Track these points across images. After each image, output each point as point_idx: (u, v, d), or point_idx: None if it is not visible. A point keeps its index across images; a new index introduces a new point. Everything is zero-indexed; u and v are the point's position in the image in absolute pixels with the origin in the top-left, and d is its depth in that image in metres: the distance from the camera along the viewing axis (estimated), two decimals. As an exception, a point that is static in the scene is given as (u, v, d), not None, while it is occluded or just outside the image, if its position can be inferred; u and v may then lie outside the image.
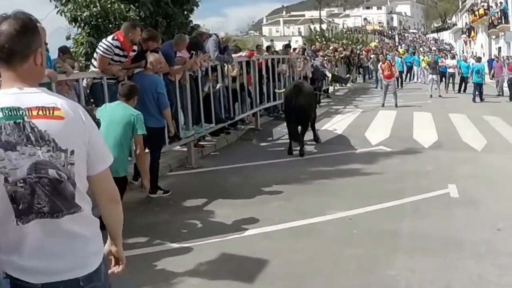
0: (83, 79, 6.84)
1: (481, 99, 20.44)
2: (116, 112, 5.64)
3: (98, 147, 2.05)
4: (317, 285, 4.49)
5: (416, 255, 5.12)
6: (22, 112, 1.86)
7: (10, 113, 1.85)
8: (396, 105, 17.38)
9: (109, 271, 2.24)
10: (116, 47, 6.82)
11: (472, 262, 4.94)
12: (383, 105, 17.55)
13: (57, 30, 12.27)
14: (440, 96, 21.26)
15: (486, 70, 23.65)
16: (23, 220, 1.86)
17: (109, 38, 6.95)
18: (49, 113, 1.89)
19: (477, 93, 20.54)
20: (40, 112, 1.87)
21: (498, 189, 7.59)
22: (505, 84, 21.97)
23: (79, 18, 11.72)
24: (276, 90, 13.23)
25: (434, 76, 22.08)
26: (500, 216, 6.29)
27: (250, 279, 4.55)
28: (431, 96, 21.16)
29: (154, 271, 4.70)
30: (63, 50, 9.05)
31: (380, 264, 4.90)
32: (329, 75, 18.27)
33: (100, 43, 6.98)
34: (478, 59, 24.44)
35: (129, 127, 5.57)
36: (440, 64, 24.23)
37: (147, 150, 7.08)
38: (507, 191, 7.48)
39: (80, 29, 12.14)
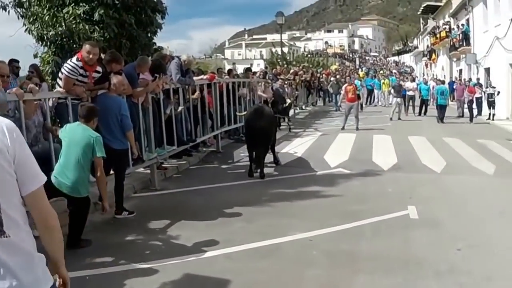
0: (49, 98, 6.84)
1: (442, 121, 20.99)
2: (75, 133, 5.62)
3: (27, 166, 1.94)
4: (279, 306, 4.44)
5: (376, 275, 5.14)
6: None
7: None
8: (357, 128, 17.59)
9: None
10: (81, 67, 6.84)
11: (433, 282, 4.98)
12: (343, 128, 17.74)
13: (26, 48, 12.18)
14: (399, 119, 21.66)
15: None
16: None
17: (74, 59, 6.94)
18: None
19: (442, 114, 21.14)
20: None
21: (457, 210, 7.70)
22: (466, 106, 22.70)
23: (45, 37, 11.66)
24: (237, 113, 13.27)
25: (399, 100, 22.48)
26: (460, 236, 6.39)
27: (211, 300, 4.50)
28: (391, 119, 21.55)
29: None
30: (36, 68, 9.06)
31: (341, 285, 4.91)
32: (288, 101, 18.42)
33: (66, 64, 6.96)
34: (442, 82, 25.21)
35: (89, 149, 5.54)
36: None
37: (112, 172, 7.05)
38: (467, 212, 7.61)
39: (46, 48, 12.07)
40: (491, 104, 21.95)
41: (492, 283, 4.99)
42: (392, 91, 23.94)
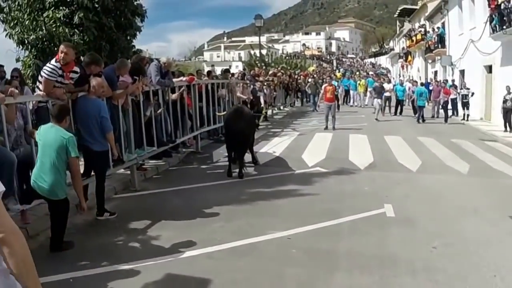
0: (30, 102, 6.83)
1: (421, 121, 21.42)
2: (48, 135, 5.59)
3: None
4: (259, 304, 4.52)
5: (354, 273, 5.25)
6: None
7: None
8: (334, 128, 17.80)
9: None
10: (60, 69, 6.82)
11: (408, 279, 5.11)
12: (326, 128, 17.94)
13: (8, 52, 12.16)
14: (376, 119, 21.84)
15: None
16: None
17: (52, 61, 6.92)
18: None
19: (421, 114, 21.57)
20: None
21: (432, 208, 7.86)
22: (441, 107, 23.14)
23: (26, 41, 11.65)
24: (218, 113, 13.33)
25: (379, 101, 23.03)
26: (435, 234, 6.54)
27: (192, 299, 4.55)
28: (376, 119, 21.80)
29: None
30: (19, 72, 9.08)
31: (319, 282, 5.00)
32: (262, 102, 18.53)
33: (45, 67, 6.94)
34: (422, 84, 25.81)
35: (62, 150, 5.51)
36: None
37: (92, 173, 7.05)
38: (441, 210, 7.77)
39: (27, 52, 12.05)
40: (465, 105, 22.43)
41: (466, 280, 5.10)
42: (373, 92, 24.20)
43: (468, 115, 22.29)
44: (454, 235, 6.54)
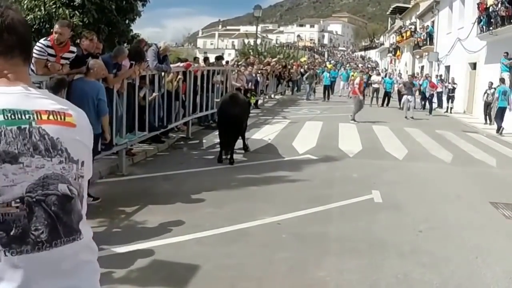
0: None
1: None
2: None
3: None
4: (250, 288, 4.52)
5: (344, 256, 5.30)
6: (30, 116, 1.53)
7: (13, 117, 1.50)
8: (354, 119, 17.53)
9: None
10: (48, 46, 6.66)
11: (397, 262, 5.21)
12: (354, 120, 17.53)
13: None
14: (412, 117, 19.96)
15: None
16: (13, 251, 1.47)
17: (41, 40, 6.78)
18: (61, 119, 1.60)
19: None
20: (51, 117, 1.58)
21: (418, 194, 8.10)
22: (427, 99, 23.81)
23: None
24: (216, 100, 13.33)
25: (409, 97, 20.86)
26: (421, 219, 6.73)
27: (182, 284, 4.53)
28: (406, 117, 19.90)
29: None
30: None
31: (309, 266, 5.03)
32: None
33: (35, 46, 6.76)
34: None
35: None
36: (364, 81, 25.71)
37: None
38: (427, 196, 8.03)
39: None
40: (451, 99, 23.53)
41: (451, 262, 5.31)
42: (403, 88, 22.50)
43: (451, 108, 23.36)
44: (439, 220, 6.81)
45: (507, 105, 17.32)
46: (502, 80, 17.84)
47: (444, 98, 24.48)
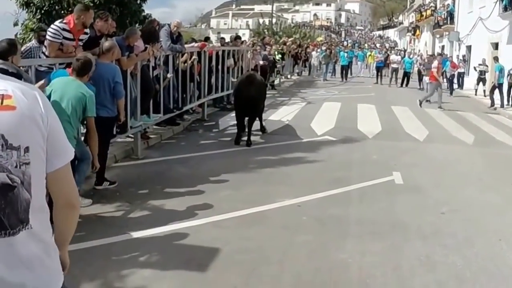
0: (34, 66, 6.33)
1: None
2: (68, 89, 5.26)
3: (57, 138, 1.66)
4: (270, 272, 4.44)
5: (365, 239, 5.21)
6: None
7: None
8: (440, 107, 16.46)
9: None
10: (64, 30, 6.48)
11: (419, 244, 5.12)
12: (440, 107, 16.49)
13: (5, 15, 11.75)
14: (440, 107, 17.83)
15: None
16: None
17: (57, 22, 6.62)
18: None
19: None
20: None
21: (440, 176, 7.97)
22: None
23: (32, 3, 11.26)
24: (232, 79, 13.23)
25: (427, 79, 19.58)
26: (443, 201, 6.61)
27: (202, 268, 4.46)
28: (429, 101, 17.62)
29: (104, 264, 4.47)
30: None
31: (331, 249, 4.94)
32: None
33: (49, 29, 6.63)
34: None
35: (80, 107, 5.23)
36: (379, 59, 25.45)
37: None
38: (449, 178, 7.90)
39: (30, 15, 11.65)
40: (482, 81, 21.49)
41: (474, 244, 5.23)
42: (424, 68, 22.06)
43: (484, 91, 21.19)
44: (460, 202, 6.70)
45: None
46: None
47: (470, 79, 23.83)
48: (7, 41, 5.09)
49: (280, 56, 21.80)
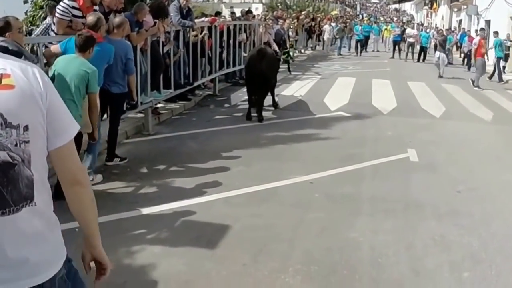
0: (43, 44, 6.35)
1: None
2: (70, 67, 5.21)
3: (58, 116, 1.63)
4: (281, 249, 4.38)
5: (377, 217, 5.12)
6: None
7: None
8: (473, 84, 15.84)
9: (95, 282, 1.88)
10: (73, 7, 6.43)
11: (434, 223, 5.00)
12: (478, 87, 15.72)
13: None
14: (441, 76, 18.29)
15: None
16: None
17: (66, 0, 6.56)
18: None
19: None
20: None
21: (456, 154, 7.78)
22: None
23: None
24: (243, 54, 13.11)
25: (443, 54, 19.09)
26: (459, 179, 6.45)
27: (212, 244, 4.41)
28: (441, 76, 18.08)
29: (114, 240, 4.36)
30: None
31: (342, 227, 4.86)
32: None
33: (58, 6, 6.56)
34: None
35: (83, 84, 5.17)
36: (396, 33, 25.04)
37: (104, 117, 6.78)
38: (466, 156, 7.70)
39: None
40: (505, 57, 20.67)
41: (490, 224, 5.09)
42: (438, 44, 20.99)
43: (504, 67, 20.49)
44: (477, 181, 6.50)
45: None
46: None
47: (492, 56, 22.55)
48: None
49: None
